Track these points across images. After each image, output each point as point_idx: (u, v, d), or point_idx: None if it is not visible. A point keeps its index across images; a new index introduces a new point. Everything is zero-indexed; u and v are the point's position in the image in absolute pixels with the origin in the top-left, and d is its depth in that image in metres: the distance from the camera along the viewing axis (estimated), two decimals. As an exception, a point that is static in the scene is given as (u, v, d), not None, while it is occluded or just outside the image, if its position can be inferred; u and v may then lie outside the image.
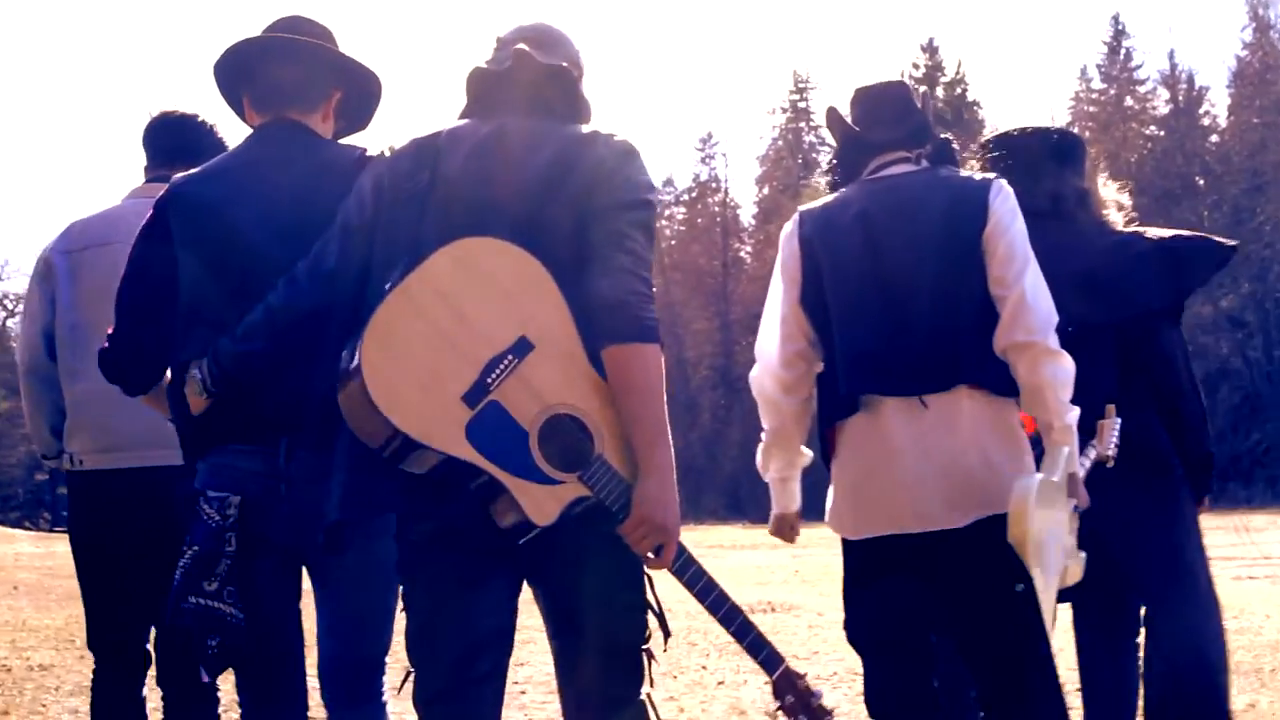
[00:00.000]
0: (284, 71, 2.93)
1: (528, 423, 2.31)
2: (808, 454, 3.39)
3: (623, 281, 2.35)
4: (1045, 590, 2.87)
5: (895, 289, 3.01)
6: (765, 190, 61.74)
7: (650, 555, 2.40)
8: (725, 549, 4.13)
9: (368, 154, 2.85)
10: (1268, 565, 14.74)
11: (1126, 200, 3.77)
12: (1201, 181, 45.84)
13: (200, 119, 3.78)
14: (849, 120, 3.27)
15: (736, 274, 57.87)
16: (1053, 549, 2.92)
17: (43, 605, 11.49)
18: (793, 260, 3.18)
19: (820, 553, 20.54)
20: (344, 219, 2.59)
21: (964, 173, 3.20)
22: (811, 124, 62.46)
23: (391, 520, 2.56)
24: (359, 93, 3.08)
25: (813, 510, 3.36)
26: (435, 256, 2.32)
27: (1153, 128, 49.37)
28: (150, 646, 3.70)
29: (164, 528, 3.14)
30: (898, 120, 3.19)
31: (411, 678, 2.53)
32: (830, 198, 3.25)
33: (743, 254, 60.91)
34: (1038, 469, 2.98)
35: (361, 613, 2.82)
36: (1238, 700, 6.29)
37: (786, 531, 3.46)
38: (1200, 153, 46.85)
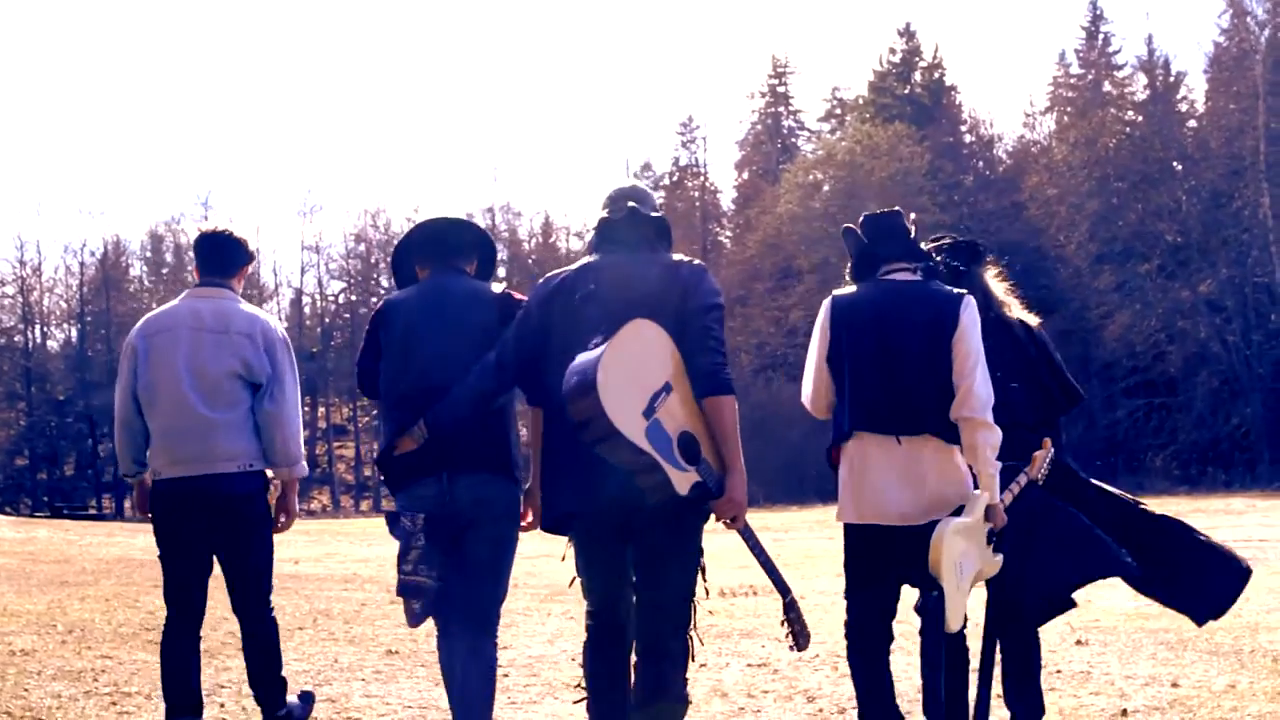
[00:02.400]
0: (447, 239, 4.68)
1: (671, 433, 3.76)
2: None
3: (711, 358, 3.92)
4: (957, 593, 4.21)
5: (891, 361, 4.36)
6: (745, 175, 61.75)
7: (729, 521, 3.94)
8: (708, 533, 4.18)
9: (506, 290, 4.57)
10: (1245, 548, 14.84)
11: (1011, 298, 5.09)
12: (1179, 166, 45.68)
13: (233, 235, 5.26)
14: (862, 236, 4.62)
15: (716, 258, 57.53)
16: (965, 566, 4.24)
17: (24, 590, 11.45)
18: (824, 329, 4.56)
19: (802, 537, 20.67)
20: (517, 329, 4.19)
21: (945, 288, 4.51)
22: (791, 109, 62.48)
23: (510, 512, 4.48)
24: (486, 259, 4.82)
25: (793, 495, 5.08)
26: (626, 328, 3.75)
27: (1130, 113, 49.30)
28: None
29: (214, 514, 4.95)
30: (897, 239, 4.58)
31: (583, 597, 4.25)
32: (854, 289, 4.60)
33: (722, 238, 60.84)
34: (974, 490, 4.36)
35: (489, 570, 4.45)
36: (1217, 681, 6.34)
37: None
38: (1178, 138, 46.65)
